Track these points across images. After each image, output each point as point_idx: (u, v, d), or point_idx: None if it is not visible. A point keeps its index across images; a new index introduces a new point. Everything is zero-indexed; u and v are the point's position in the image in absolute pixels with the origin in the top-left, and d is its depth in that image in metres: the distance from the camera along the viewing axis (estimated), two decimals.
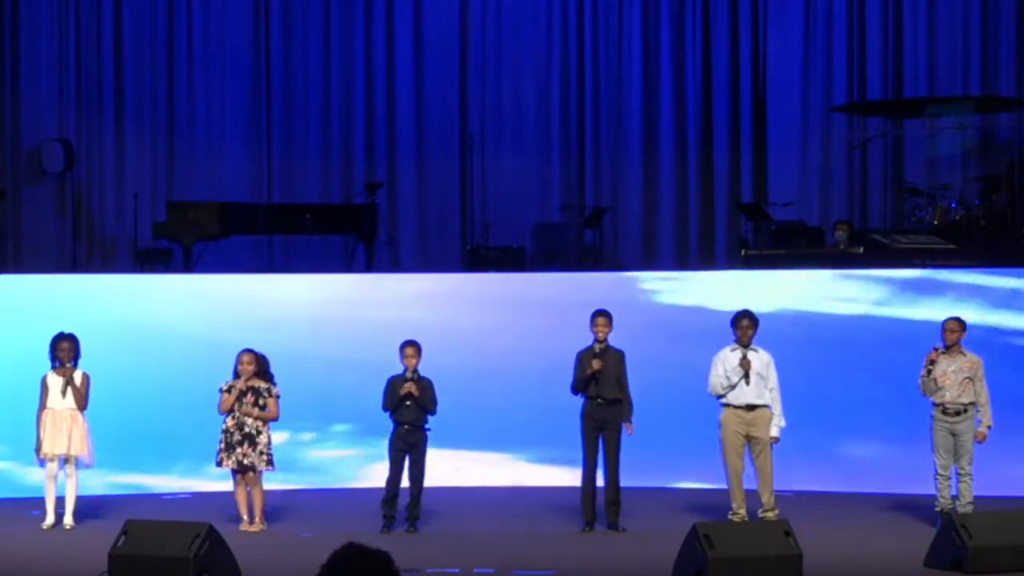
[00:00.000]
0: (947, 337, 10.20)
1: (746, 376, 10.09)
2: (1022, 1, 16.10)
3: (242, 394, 10.23)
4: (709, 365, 10.31)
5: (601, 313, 10.42)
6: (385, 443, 10.41)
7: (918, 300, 12.36)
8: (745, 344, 10.19)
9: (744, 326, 10.22)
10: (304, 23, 16.66)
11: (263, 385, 10.29)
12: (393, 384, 10.33)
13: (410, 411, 10.28)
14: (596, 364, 10.22)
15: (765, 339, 10.37)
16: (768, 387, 10.14)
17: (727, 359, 10.19)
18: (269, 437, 10.29)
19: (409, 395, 10.22)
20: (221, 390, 10.29)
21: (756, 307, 10.65)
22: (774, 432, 10.14)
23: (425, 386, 10.33)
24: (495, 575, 8.87)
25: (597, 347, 10.32)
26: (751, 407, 10.13)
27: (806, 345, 12.03)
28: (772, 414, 10.14)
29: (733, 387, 10.13)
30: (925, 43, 16.33)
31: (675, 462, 12.28)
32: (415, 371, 10.31)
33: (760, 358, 10.17)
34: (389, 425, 10.36)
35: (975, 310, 11.91)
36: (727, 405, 10.18)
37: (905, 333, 12.10)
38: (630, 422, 10.30)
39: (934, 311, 11.79)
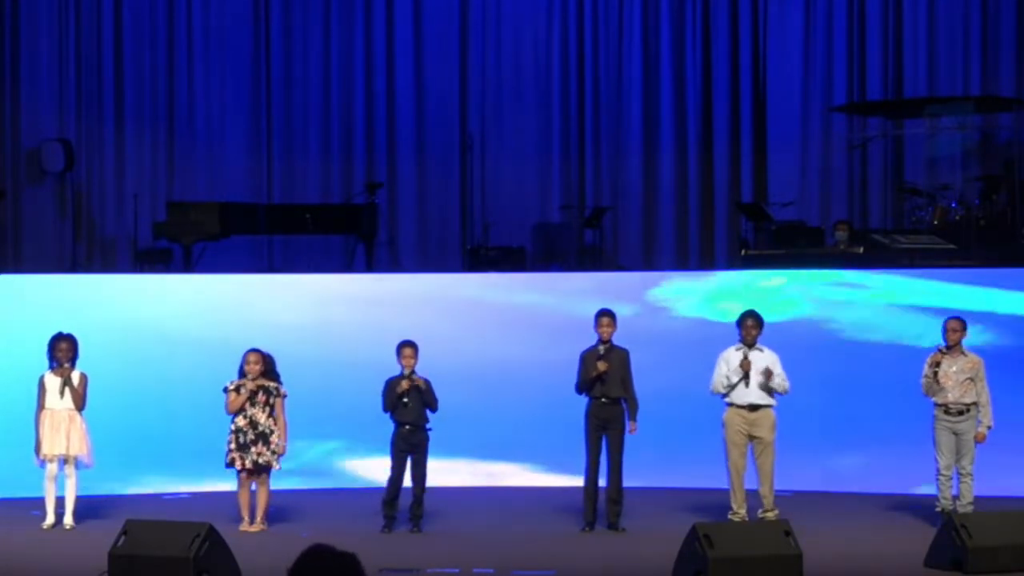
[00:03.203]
0: (949, 337, 10.20)
1: (746, 377, 10.11)
2: (1022, 1, 16.10)
3: (253, 394, 10.23)
4: (709, 365, 10.32)
5: (605, 313, 10.41)
6: (385, 443, 10.40)
7: (918, 300, 12.35)
8: (750, 344, 10.21)
9: (749, 326, 10.24)
10: (304, 23, 16.66)
11: (272, 384, 10.30)
12: (391, 384, 10.33)
13: (411, 411, 10.27)
14: (601, 366, 10.21)
15: (767, 339, 10.37)
16: (775, 384, 10.14)
17: (730, 358, 10.22)
18: (280, 436, 10.29)
19: (407, 393, 10.21)
20: (227, 390, 10.27)
21: (755, 307, 10.65)
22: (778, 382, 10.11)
23: (425, 385, 10.33)
24: (495, 575, 8.87)
25: (601, 347, 10.31)
26: (754, 407, 10.15)
27: (807, 345, 12.02)
28: (775, 414, 10.17)
29: (733, 387, 10.16)
30: (925, 43, 16.33)
31: (675, 462, 12.27)
32: (412, 371, 10.31)
33: (765, 357, 10.19)
34: (387, 425, 10.35)
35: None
36: (731, 404, 10.20)
37: (906, 333, 12.09)
38: (635, 421, 10.29)
39: (935, 311, 11.80)
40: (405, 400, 10.25)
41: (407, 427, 10.29)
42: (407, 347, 10.36)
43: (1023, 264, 12.83)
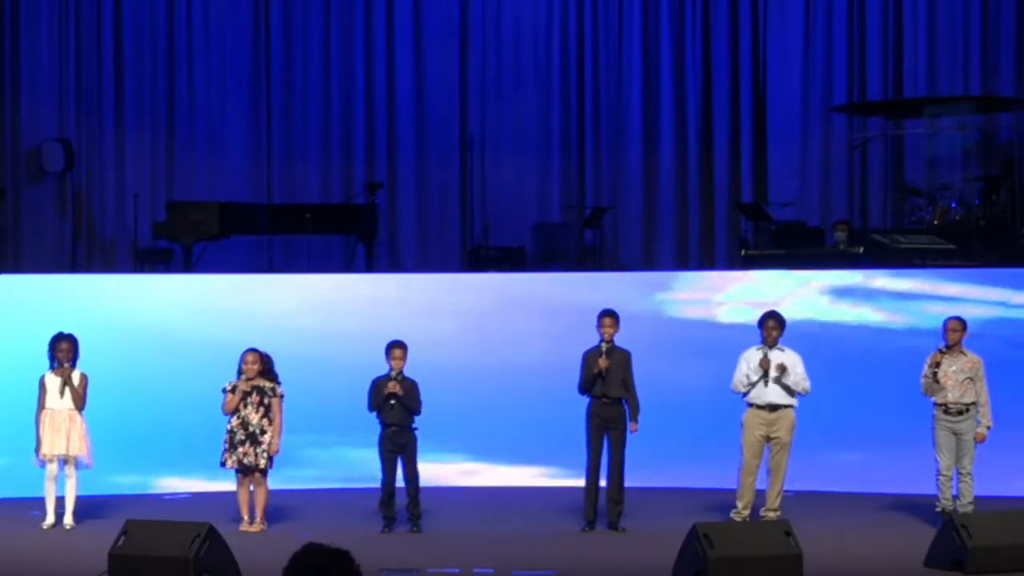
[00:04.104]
0: (949, 337, 10.21)
1: (765, 376, 10.11)
2: (1022, 1, 16.10)
3: (246, 394, 10.23)
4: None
5: (608, 313, 10.43)
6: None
7: (919, 300, 12.34)
8: (771, 344, 10.23)
9: (770, 327, 10.27)
10: (304, 23, 16.67)
11: (268, 385, 10.28)
12: (377, 385, 10.32)
13: (395, 412, 10.26)
14: (602, 363, 10.23)
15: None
16: (792, 382, 10.17)
17: (751, 358, 10.24)
18: (273, 436, 10.26)
19: (392, 395, 10.21)
20: (225, 390, 10.28)
21: (755, 308, 10.65)
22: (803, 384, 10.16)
23: (410, 387, 10.29)
24: (495, 575, 8.87)
25: (604, 347, 10.33)
26: (774, 407, 10.16)
27: (806, 345, 12.02)
28: (795, 415, 10.21)
29: (753, 385, 10.17)
30: (925, 43, 16.34)
31: (675, 462, 12.26)
32: (400, 372, 10.30)
33: (787, 358, 10.20)
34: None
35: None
36: (751, 405, 10.22)
37: (905, 333, 12.09)
38: (636, 421, 10.31)
39: (935, 311, 11.79)
40: (392, 402, 10.25)
41: (392, 428, 10.29)
42: (396, 348, 10.35)
43: (1023, 264, 12.82)
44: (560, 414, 11.21)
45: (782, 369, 10.12)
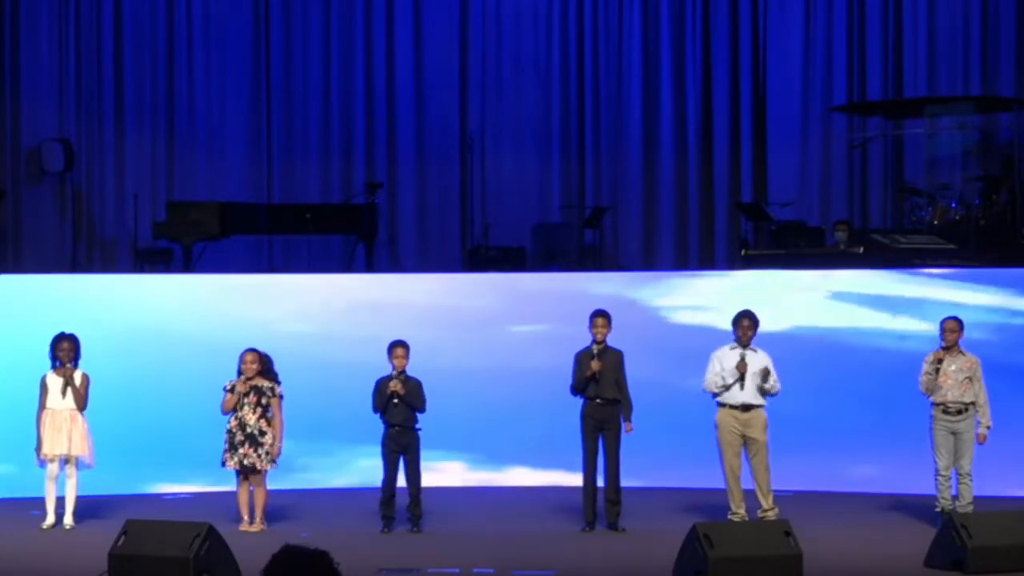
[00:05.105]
0: (946, 337, 10.22)
1: (741, 379, 10.10)
2: (1022, 1, 16.10)
3: (243, 395, 10.22)
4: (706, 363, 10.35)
5: (600, 314, 10.42)
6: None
7: (917, 300, 12.34)
8: (745, 344, 10.21)
9: (744, 326, 10.24)
10: (304, 23, 16.67)
11: (266, 385, 10.28)
12: (380, 385, 10.32)
13: (399, 412, 10.26)
14: (595, 365, 10.22)
15: (764, 338, 10.39)
16: (769, 385, 10.15)
17: (725, 358, 10.21)
18: (275, 437, 10.26)
19: (396, 395, 10.21)
20: (225, 389, 10.28)
21: (755, 307, 10.66)
22: (771, 382, 10.06)
23: (414, 386, 10.30)
24: (495, 575, 8.87)
25: (595, 348, 10.32)
26: (747, 407, 10.15)
27: (806, 345, 12.03)
28: (766, 414, 10.18)
29: (728, 387, 10.15)
30: (925, 43, 16.34)
31: (675, 462, 12.27)
32: (402, 371, 10.30)
33: (759, 358, 10.18)
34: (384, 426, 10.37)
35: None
36: (723, 405, 10.19)
37: (905, 333, 12.10)
38: (629, 421, 10.31)
39: (934, 311, 11.79)
40: (396, 401, 10.25)
41: (396, 428, 10.29)
42: (398, 347, 10.35)
43: (1023, 264, 12.82)
44: (561, 414, 11.20)
45: (766, 374, 10.10)
